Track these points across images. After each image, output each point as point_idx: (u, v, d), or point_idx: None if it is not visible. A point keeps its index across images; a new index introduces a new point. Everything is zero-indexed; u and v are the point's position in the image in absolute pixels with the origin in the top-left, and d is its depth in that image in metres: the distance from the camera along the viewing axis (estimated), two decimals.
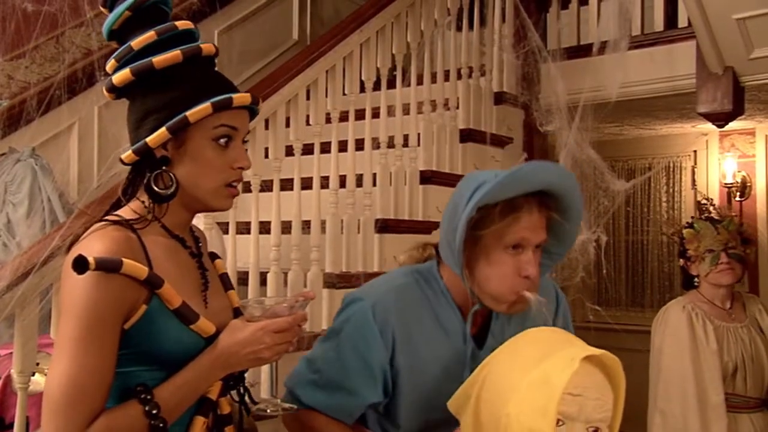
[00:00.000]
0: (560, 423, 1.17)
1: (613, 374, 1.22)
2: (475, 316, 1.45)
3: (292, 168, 2.77)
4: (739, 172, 4.96)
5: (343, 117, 2.96)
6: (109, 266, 1.06)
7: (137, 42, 1.17)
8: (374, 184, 3.04)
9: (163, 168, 1.17)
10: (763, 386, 2.58)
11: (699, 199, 4.86)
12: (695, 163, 5.19)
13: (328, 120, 2.93)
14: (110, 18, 1.20)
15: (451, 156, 3.38)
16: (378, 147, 3.09)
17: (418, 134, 3.26)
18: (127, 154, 1.18)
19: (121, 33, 1.21)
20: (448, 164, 3.36)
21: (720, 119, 3.45)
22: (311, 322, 2.73)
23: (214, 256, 1.34)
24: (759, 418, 2.55)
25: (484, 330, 1.46)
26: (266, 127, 2.69)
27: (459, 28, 3.58)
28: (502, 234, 1.35)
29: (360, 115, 3.05)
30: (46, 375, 2.18)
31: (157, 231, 1.18)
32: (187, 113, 1.15)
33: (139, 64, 1.16)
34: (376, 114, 3.10)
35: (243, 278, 2.58)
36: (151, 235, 1.16)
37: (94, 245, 1.09)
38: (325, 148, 2.89)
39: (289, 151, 2.83)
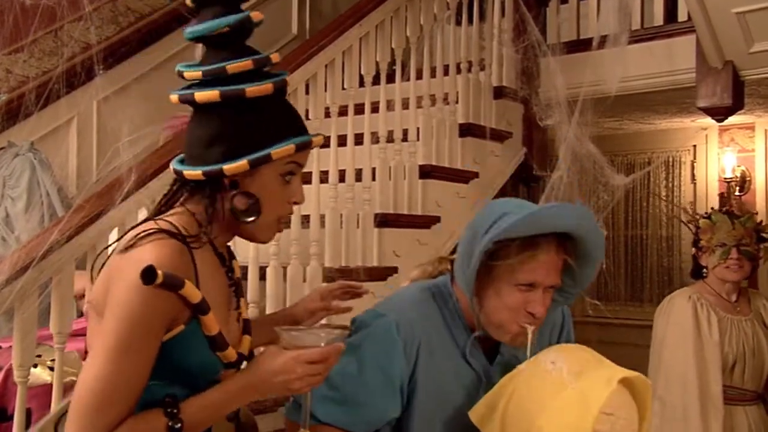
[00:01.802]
0: None
1: (641, 395, 1.27)
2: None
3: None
4: (738, 166, 4.96)
5: (342, 111, 2.96)
6: (172, 284, 1.05)
7: (233, 67, 1.15)
8: (373, 179, 3.04)
9: (240, 190, 1.15)
10: (761, 380, 2.59)
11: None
12: (695, 158, 5.19)
13: (327, 114, 2.93)
14: (208, 26, 1.16)
15: (450, 150, 3.38)
16: (377, 141, 3.08)
17: (418, 129, 3.25)
18: (195, 173, 1.15)
19: (209, 40, 1.18)
20: (447, 159, 3.36)
21: (719, 114, 3.44)
22: None
23: (230, 255, 1.32)
24: (753, 411, 2.57)
25: (495, 348, 1.47)
26: None
27: (458, 23, 3.57)
28: (515, 270, 1.35)
29: (359, 109, 3.05)
30: (48, 367, 2.19)
31: (205, 247, 1.17)
32: (272, 151, 1.14)
33: (230, 90, 1.14)
34: (375, 108, 3.10)
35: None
36: (200, 251, 1.15)
37: (153, 253, 1.07)
38: (324, 142, 2.88)
39: None
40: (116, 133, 2.53)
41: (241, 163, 1.13)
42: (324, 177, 2.86)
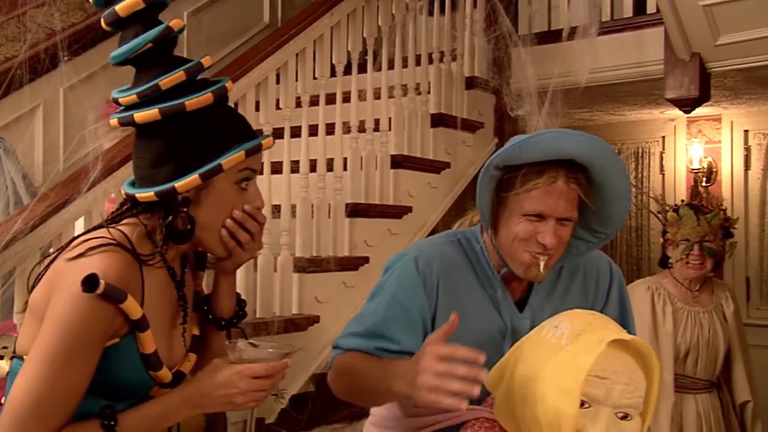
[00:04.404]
0: (587, 405, 1.16)
1: (647, 361, 1.21)
2: (513, 283, 1.46)
3: (262, 152, 2.75)
4: (705, 157, 5.03)
5: (314, 101, 2.94)
6: (112, 297, 1.03)
7: (166, 82, 1.12)
8: (345, 169, 3.04)
9: (184, 210, 1.13)
10: (714, 370, 2.64)
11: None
12: (663, 149, 5.26)
13: (299, 104, 2.91)
14: (131, 46, 1.13)
15: (422, 140, 3.38)
16: (349, 131, 3.08)
17: (389, 119, 3.26)
18: (146, 195, 1.13)
19: (136, 61, 1.15)
20: (419, 149, 3.36)
21: (687, 105, 3.49)
22: (281, 306, 2.73)
23: (200, 264, 1.29)
24: (704, 399, 2.62)
25: (525, 300, 1.47)
26: None
27: (430, 13, 3.57)
28: (521, 199, 1.34)
29: (330, 99, 3.04)
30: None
31: (155, 261, 1.14)
32: (222, 162, 1.12)
33: (169, 106, 1.11)
34: (346, 98, 3.09)
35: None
36: (150, 266, 1.12)
37: (101, 263, 1.04)
38: (296, 132, 2.88)
39: None
40: (82, 121, 2.49)
41: (193, 178, 1.11)
42: (295, 167, 2.85)
